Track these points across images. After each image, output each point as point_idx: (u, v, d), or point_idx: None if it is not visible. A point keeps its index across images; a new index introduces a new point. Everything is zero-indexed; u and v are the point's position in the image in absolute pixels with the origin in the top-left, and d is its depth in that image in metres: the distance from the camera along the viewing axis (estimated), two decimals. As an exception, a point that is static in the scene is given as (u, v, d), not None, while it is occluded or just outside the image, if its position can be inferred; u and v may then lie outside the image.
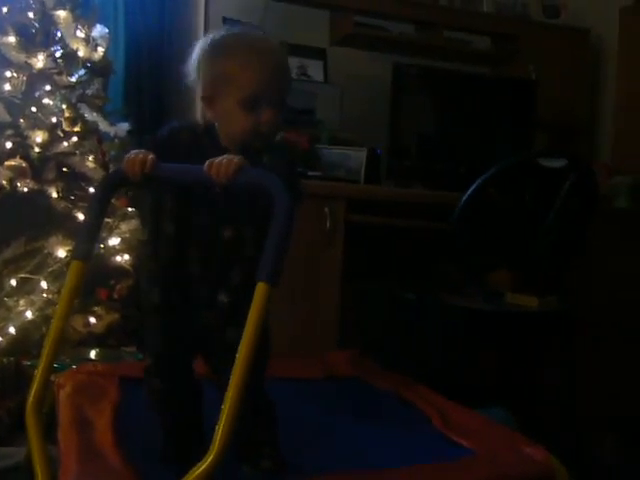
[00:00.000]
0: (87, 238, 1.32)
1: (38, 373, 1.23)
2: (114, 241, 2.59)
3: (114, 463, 1.29)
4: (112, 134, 2.75)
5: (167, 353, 1.40)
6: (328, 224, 2.47)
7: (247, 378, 1.09)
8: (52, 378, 1.84)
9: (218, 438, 1.06)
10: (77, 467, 1.26)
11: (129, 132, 2.79)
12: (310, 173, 2.59)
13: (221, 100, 1.34)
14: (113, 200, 2.57)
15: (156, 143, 1.38)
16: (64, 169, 2.58)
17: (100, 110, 2.74)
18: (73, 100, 2.64)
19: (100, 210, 1.35)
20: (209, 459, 1.06)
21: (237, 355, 1.10)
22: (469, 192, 2.32)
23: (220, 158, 1.21)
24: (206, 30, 2.86)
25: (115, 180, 1.38)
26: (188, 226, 1.37)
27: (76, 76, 2.68)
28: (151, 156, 1.28)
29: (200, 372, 1.47)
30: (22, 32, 2.57)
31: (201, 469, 1.06)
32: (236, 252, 1.36)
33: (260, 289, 1.11)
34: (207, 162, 1.22)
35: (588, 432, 2.57)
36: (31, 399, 1.22)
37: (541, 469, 1.41)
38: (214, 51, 1.35)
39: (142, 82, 3.13)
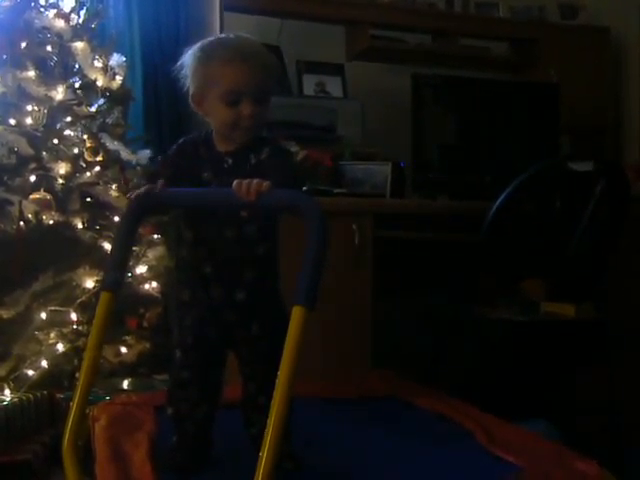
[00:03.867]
0: (115, 268, 1.31)
1: (73, 406, 1.20)
2: (141, 269, 2.57)
3: (154, 497, 1.26)
4: (134, 162, 2.74)
5: (196, 346, 1.48)
6: (356, 241, 2.44)
7: (288, 404, 1.05)
8: (87, 410, 1.83)
9: (262, 466, 1.03)
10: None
11: (151, 159, 2.78)
12: (336, 190, 2.56)
13: (207, 98, 1.45)
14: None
15: (167, 161, 1.51)
16: (88, 199, 2.58)
17: (121, 138, 2.75)
18: (94, 130, 2.64)
19: (127, 239, 1.34)
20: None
21: (277, 381, 1.06)
22: (499, 201, 2.28)
23: (249, 180, 1.21)
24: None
25: (141, 207, 1.36)
26: (198, 229, 1.46)
27: (96, 106, 2.70)
28: (161, 181, 1.35)
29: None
30: (41, 66, 2.58)
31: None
32: (244, 251, 1.43)
33: (297, 313, 1.08)
34: (235, 182, 1.23)
35: (632, 442, 2.49)
36: (67, 434, 1.20)
37: (596, 485, 1.36)
38: (200, 55, 1.47)
39: (161, 107, 3.14)
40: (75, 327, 2.39)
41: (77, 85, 2.66)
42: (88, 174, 2.57)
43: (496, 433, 1.64)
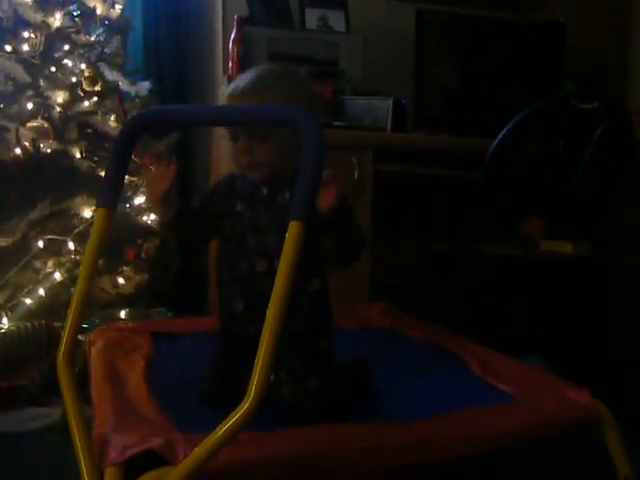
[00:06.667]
0: (111, 186, 1.26)
1: (68, 323, 1.18)
2: (140, 200, 2.56)
3: (149, 414, 1.26)
4: (133, 93, 2.71)
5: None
6: (356, 174, 2.42)
7: (282, 322, 1.05)
8: (82, 337, 1.83)
9: (254, 385, 1.02)
10: (112, 419, 1.23)
11: (150, 91, 2.75)
12: (336, 123, 2.52)
13: None
14: (138, 159, 2.54)
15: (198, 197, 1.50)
16: (87, 129, 2.55)
17: (120, 69, 2.71)
18: (92, 59, 2.60)
19: (123, 157, 1.28)
20: (245, 406, 1.02)
21: (271, 299, 1.05)
22: (500, 136, 2.24)
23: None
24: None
25: (137, 125, 1.32)
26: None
27: (94, 35, 2.64)
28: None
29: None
30: (38, -9, 2.53)
31: (237, 417, 1.02)
32: None
33: (293, 228, 1.06)
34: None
35: (622, 381, 2.51)
36: (62, 352, 1.18)
37: (586, 413, 1.37)
38: None
39: (161, 38, 3.08)
40: (73, 257, 2.39)
41: (75, 13, 2.61)
42: (86, 103, 2.54)
43: (490, 364, 1.65)
